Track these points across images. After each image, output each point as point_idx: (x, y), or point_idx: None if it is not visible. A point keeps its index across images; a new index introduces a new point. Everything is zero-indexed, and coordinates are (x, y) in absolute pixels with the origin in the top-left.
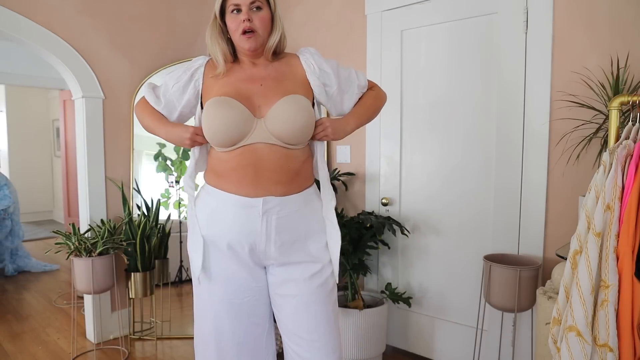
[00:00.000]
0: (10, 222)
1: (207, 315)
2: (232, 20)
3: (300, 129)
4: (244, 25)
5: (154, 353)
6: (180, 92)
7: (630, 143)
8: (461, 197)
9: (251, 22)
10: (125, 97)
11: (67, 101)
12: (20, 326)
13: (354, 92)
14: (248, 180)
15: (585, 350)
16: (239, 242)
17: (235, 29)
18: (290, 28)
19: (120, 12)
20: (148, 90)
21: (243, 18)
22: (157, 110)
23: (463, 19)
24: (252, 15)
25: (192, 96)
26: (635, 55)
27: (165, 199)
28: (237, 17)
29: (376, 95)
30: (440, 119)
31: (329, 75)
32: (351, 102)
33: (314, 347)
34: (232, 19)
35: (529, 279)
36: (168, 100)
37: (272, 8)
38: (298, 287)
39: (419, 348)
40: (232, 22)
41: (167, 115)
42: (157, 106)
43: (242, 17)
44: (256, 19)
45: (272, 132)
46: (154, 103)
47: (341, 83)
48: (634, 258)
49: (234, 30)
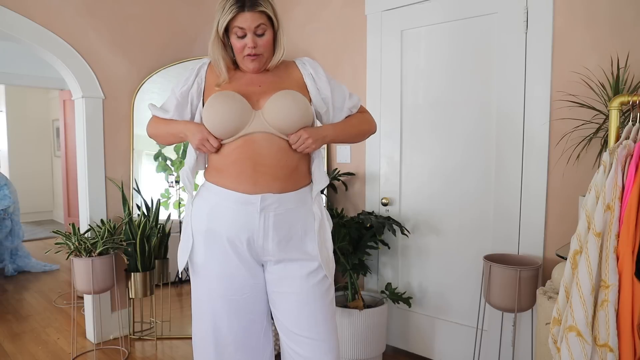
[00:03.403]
0: (10, 222)
1: (205, 312)
2: (236, 41)
3: (297, 117)
4: (249, 50)
5: (154, 353)
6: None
7: (630, 143)
8: (461, 197)
9: (256, 48)
10: (125, 97)
11: (67, 101)
12: (20, 326)
13: (343, 105)
14: (247, 175)
15: (585, 350)
16: (237, 237)
17: (240, 50)
18: (290, 28)
19: (120, 12)
20: (152, 108)
21: (249, 45)
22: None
23: (463, 19)
24: (256, 40)
25: (195, 94)
26: (635, 55)
27: (165, 199)
28: (242, 41)
29: (364, 118)
30: (440, 119)
31: (322, 80)
32: (339, 117)
33: (312, 345)
34: (237, 40)
35: (529, 279)
36: (177, 104)
37: (275, 28)
38: (295, 284)
39: (419, 348)
40: (237, 43)
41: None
42: (166, 115)
43: (247, 42)
44: (260, 43)
45: (269, 122)
46: (163, 114)
47: (333, 91)
48: (634, 258)
49: (238, 52)
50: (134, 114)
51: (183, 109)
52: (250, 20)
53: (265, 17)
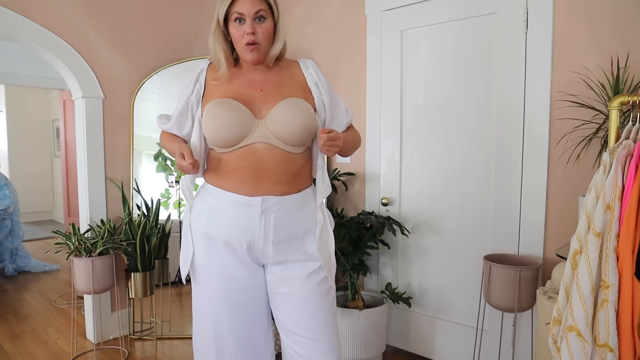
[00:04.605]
0: (10, 222)
1: (205, 313)
2: (235, 29)
3: (301, 130)
4: (247, 37)
5: (154, 353)
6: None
7: (630, 143)
8: (461, 197)
9: (255, 35)
10: (125, 97)
11: (67, 101)
12: (20, 326)
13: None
14: (247, 180)
15: (585, 350)
16: (237, 240)
17: (239, 39)
18: (290, 28)
19: (120, 12)
20: (158, 120)
21: (247, 31)
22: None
23: (463, 19)
24: (255, 26)
25: (195, 101)
26: (635, 55)
27: (165, 199)
28: (241, 28)
29: (358, 135)
30: (440, 119)
31: (324, 88)
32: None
33: (313, 346)
34: (236, 28)
35: (529, 279)
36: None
37: (275, 17)
38: (296, 285)
39: (419, 348)
40: (236, 31)
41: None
42: (165, 125)
43: (246, 29)
44: (260, 30)
45: (272, 133)
46: (163, 124)
47: (332, 102)
48: (634, 258)
49: (237, 40)
50: (134, 114)
51: (184, 118)
52: (249, 5)
53: (265, 3)
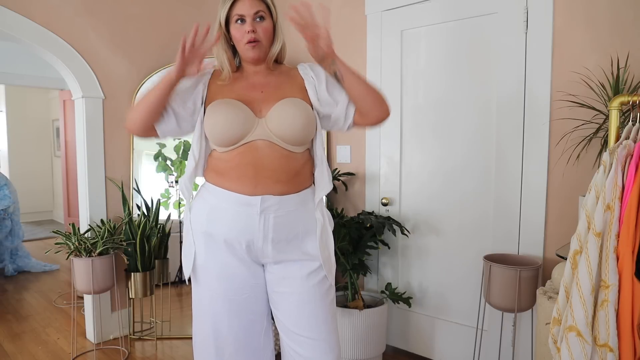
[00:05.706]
0: (10, 222)
1: (205, 312)
2: (236, 30)
3: (301, 128)
4: (248, 36)
5: (154, 353)
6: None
7: (630, 143)
8: (461, 197)
9: (255, 33)
10: (125, 97)
11: (67, 101)
12: (20, 326)
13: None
14: (248, 179)
15: (585, 350)
16: (236, 239)
17: (240, 39)
18: (290, 28)
19: (120, 12)
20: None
21: (248, 29)
22: None
23: (463, 19)
24: (255, 25)
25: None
26: (635, 55)
27: (165, 199)
28: (242, 28)
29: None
30: (440, 119)
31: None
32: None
33: (312, 345)
34: (237, 28)
35: (529, 279)
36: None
37: (274, 18)
38: (295, 284)
39: (419, 348)
40: (237, 31)
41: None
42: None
43: (246, 27)
44: (259, 29)
45: (272, 131)
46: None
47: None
48: (634, 258)
49: (239, 40)
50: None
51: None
52: (248, 6)
53: (263, 4)
